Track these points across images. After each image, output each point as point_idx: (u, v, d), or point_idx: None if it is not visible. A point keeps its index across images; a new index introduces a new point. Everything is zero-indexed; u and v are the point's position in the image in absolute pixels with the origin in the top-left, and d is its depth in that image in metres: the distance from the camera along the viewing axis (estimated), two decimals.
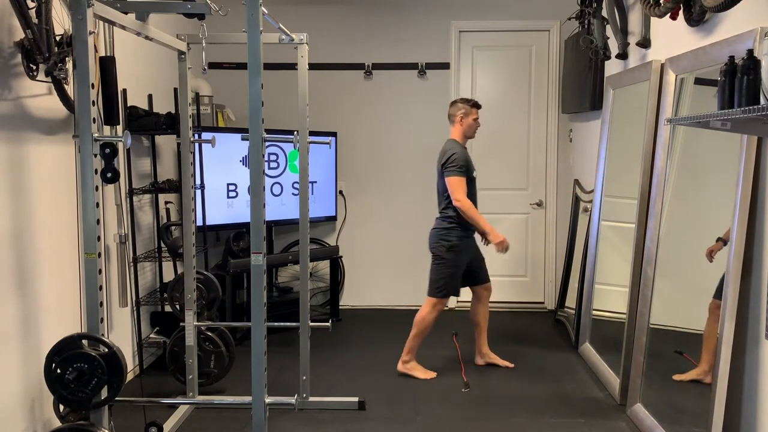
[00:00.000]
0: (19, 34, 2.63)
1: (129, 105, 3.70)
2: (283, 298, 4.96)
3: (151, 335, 4.00)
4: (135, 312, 3.81)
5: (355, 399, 3.40)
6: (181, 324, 3.27)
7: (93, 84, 2.05)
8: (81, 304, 3.03)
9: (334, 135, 4.98)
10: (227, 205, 4.55)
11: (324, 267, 5.30)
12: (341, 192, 5.31)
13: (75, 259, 3.10)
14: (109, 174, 2.10)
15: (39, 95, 2.85)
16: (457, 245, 3.76)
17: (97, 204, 2.09)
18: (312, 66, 3.42)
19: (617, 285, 3.66)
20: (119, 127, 3.44)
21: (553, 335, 4.68)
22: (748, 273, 2.46)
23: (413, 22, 5.21)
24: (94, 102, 2.06)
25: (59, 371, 2.05)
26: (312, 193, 4.85)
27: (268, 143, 2.59)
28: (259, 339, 2.25)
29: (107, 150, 2.07)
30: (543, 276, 5.41)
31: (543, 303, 5.42)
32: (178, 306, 3.55)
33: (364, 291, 5.43)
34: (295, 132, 2.92)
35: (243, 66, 2.63)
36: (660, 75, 3.25)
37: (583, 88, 4.49)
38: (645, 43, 3.46)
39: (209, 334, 3.48)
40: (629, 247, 3.43)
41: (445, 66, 5.24)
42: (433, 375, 3.84)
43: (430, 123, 5.16)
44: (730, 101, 2.00)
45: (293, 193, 4.88)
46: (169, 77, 3.86)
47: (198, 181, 4.07)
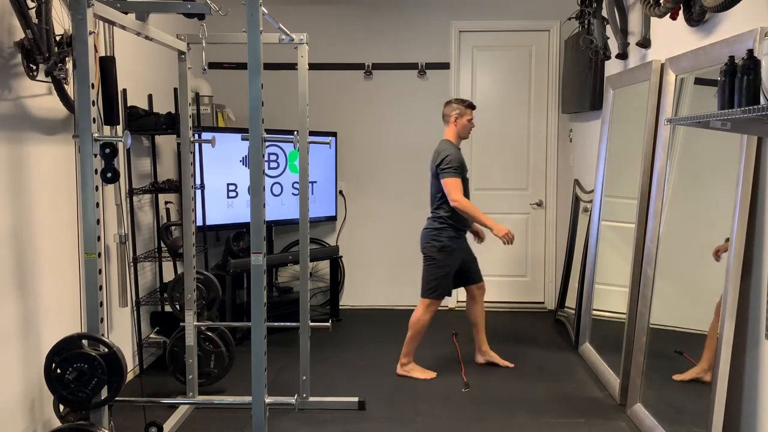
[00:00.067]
0: (19, 34, 2.63)
1: (129, 105, 3.70)
2: (283, 298, 4.96)
3: (151, 335, 3.99)
4: (135, 312, 3.81)
5: (355, 399, 3.40)
6: (181, 324, 3.27)
7: (93, 84, 2.05)
8: (81, 304, 3.03)
9: (334, 135, 4.98)
10: (227, 205, 4.55)
11: (324, 267, 5.30)
12: (341, 192, 5.31)
13: (75, 259, 3.10)
14: (109, 174, 2.10)
15: (39, 95, 2.85)
16: (448, 246, 3.75)
17: (97, 204, 2.09)
18: (312, 66, 3.42)
19: (617, 285, 3.66)
20: (119, 127, 3.44)
21: (553, 335, 4.68)
22: (748, 273, 2.46)
23: (413, 22, 5.21)
24: (94, 102, 2.06)
25: (59, 371, 2.05)
26: (312, 193, 4.85)
27: (268, 143, 2.59)
28: (259, 339, 2.25)
29: (107, 150, 2.07)
30: (543, 276, 5.41)
31: (543, 303, 5.42)
32: (178, 306, 3.55)
33: (364, 291, 5.43)
34: (295, 132, 2.92)
35: (243, 66, 2.63)
36: (660, 75, 3.25)
37: (583, 88, 4.49)
38: (645, 43, 3.46)
39: (209, 334, 3.48)
40: (629, 247, 3.43)
41: (445, 66, 5.25)
42: (433, 375, 3.84)
43: (430, 123, 5.15)
44: (730, 101, 2.00)
45: (293, 193, 4.88)
46: (169, 77, 3.86)
47: (198, 181, 4.07)
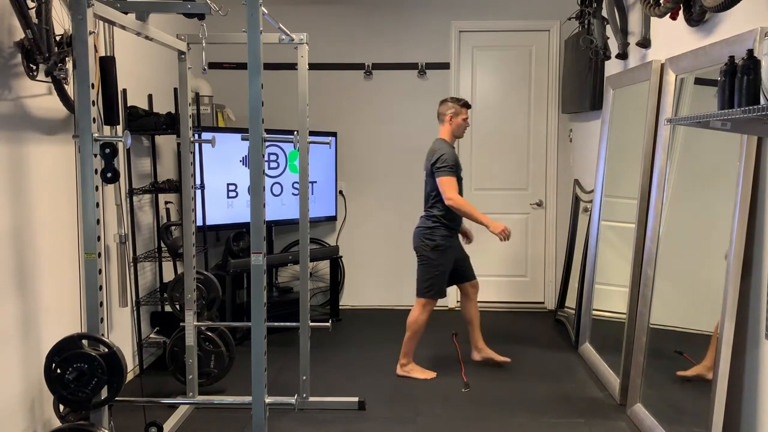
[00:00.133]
0: (19, 34, 2.63)
1: (129, 105, 3.70)
2: (283, 298, 4.96)
3: (151, 335, 3.99)
4: (135, 312, 3.81)
5: (355, 399, 3.40)
6: (181, 324, 3.27)
7: (93, 84, 2.05)
8: (81, 304, 3.03)
9: (334, 135, 4.98)
10: (227, 205, 4.55)
11: (324, 267, 5.30)
12: (341, 192, 5.31)
13: (75, 259, 3.10)
14: (109, 174, 2.10)
15: (39, 95, 2.85)
16: (442, 244, 3.75)
17: (97, 204, 2.09)
18: (312, 66, 3.42)
19: (617, 285, 3.66)
20: (119, 127, 3.44)
21: (553, 335, 4.68)
22: (748, 273, 2.46)
23: (413, 22, 5.21)
24: (94, 102, 2.06)
25: (59, 371, 2.05)
26: (312, 193, 4.85)
27: (268, 143, 2.59)
28: (259, 339, 2.25)
29: (107, 150, 2.07)
30: (543, 276, 5.41)
31: (543, 303, 5.42)
32: (178, 306, 3.55)
33: (364, 291, 5.43)
34: (295, 132, 2.92)
35: (243, 66, 2.63)
36: (660, 75, 3.25)
37: (583, 88, 4.49)
38: (645, 43, 3.46)
39: (209, 334, 3.48)
40: (629, 247, 3.42)
41: (445, 66, 5.25)
42: (433, 375, 3.84)
43: (430, 123, 5.10)
44: (730, 101, 2.01)
45: (293, 193, 4.88)
46: (169, 77, 3.86)
47: (198, 181, 4.07)
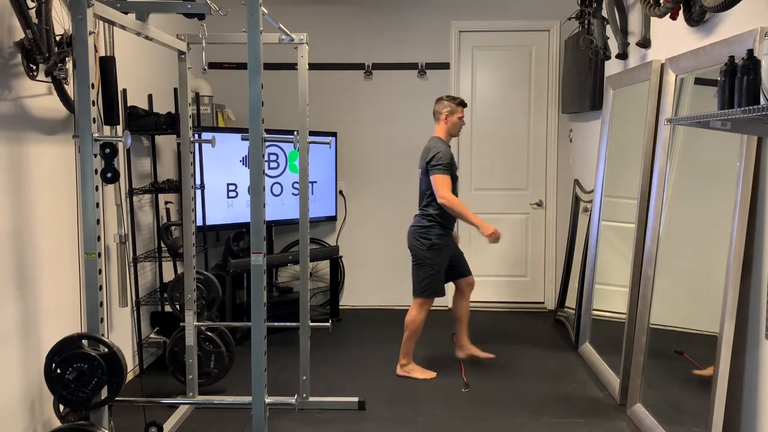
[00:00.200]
0: (19, 34, 2.63)
1: (129, 105, 3.70)
2: (283, 298, 4.96)
3: (151, 335, 3.99)
4: (135, 312, 3.81)
5: (355, 399, 3.40)
6: (181, 324, 3.27)
7: (93, 84, 2.05)
8: (81, 304, 3.03)
9: (334, 135, 4.98)
10: (227, 205, 4.55)
11: (324, 267, 5.30)
12: (341, 192, 5.31)
13: (75, 259, 3.10)
14: (109, 174, 2.10)
15: (39, 95, 2.85)
16: (437, 244, 3.75)
17: (97, 204, 2.09)
18: (312, 66, 3.42)
19: (617, 285, 3.66)
20: (119, 127, 3.44)
21: (553, 335, 4.68)
22: (748, 273, 2.46)
23: (413, 22, 5.21)
24: (94, 102, 2.06)
25: (59, 371, 2.05)
26: (312, 193, 4.85)
27: (268, 143, 2.59)
28: (259, 339, 2.25)
29: (107, 150, 2.07)
30: (543, 276, 5.41)
31: (543, 303, 5.42)
32: (178, 306, 3.55)
33: (364, 291, 5.42)
34: (295, 132, 2.92)
35: (243, 66, 2.63)
36: (660, 75, 3.25)
37: (583, 88, 4.49)
38: (645, 43, 3.46)
39: (209, 334, 3.48)
40: (629, 247, 3.42)
41: (445, 66, 5.25)
42: (433, 375, 3.84)
43: (430, 123, 5.10)
44: (730, 101, 2.00)
45: (293, 193, 4.88)
46: (169, 77, 3.86)
47: (198, 181, 4.07)
